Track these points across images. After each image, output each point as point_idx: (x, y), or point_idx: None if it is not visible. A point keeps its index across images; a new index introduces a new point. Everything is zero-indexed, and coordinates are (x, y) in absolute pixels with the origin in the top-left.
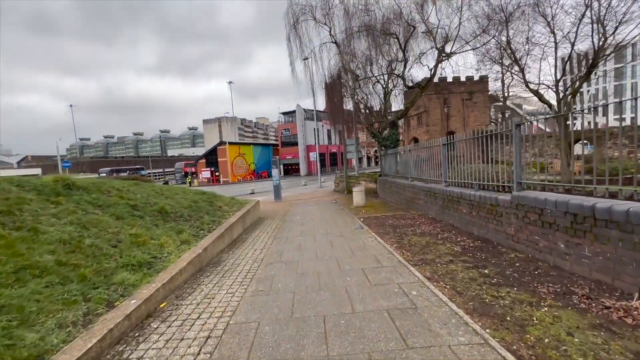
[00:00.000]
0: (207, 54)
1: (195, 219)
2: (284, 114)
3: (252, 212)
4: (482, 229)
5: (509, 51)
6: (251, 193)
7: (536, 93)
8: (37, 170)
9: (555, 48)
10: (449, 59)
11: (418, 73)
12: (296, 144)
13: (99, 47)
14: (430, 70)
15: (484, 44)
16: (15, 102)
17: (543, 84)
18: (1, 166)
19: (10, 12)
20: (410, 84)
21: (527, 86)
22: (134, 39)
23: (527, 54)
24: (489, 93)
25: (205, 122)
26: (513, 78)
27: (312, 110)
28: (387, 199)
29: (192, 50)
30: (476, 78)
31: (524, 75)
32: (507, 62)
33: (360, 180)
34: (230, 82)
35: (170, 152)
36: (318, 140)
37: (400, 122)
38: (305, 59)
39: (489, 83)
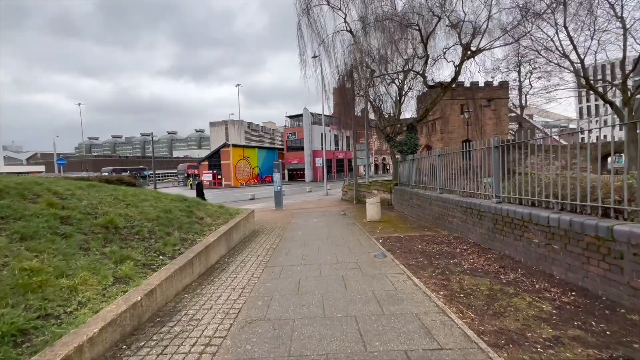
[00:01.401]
0: (220, 59)
1: (158, 237)
2: (291, 117)
3: (243, 226)
4: (574, 272)
5: (556, 43)
6: (251, 199)
7: (595, 90)
8: (41, 168)
9: (625, 34)
10: (475, 57)
11: (437, 74)
12: (302, 148)
13: (117, 50)
14: (456, 67)
15: (518, 39)
16: (33, 101)
17: (606, 81)
18: (11, 162)
19: (35, 14)
20: (431, 83)
21: (587, 82)
22: (151, 44)
23: (591, 40)
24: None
25: (212, 124)
26: (532, 86)
27: (320, 114)
28: (404, 213)
29: (206, 55)
30: (495, 84)
31: (583, 66)
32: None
33: (371, 189)
34: (237, 85)
35: (176, 154)
36: (325, 145)
37: None
38: (315, 56)
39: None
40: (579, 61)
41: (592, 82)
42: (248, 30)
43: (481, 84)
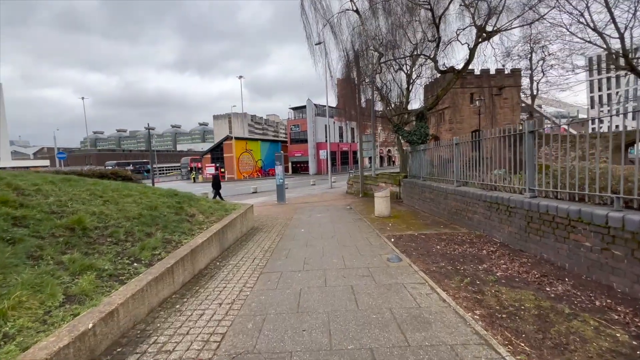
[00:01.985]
0: (225, 52)
1: (137, 239)
2: (294, 109)
3: (240, 223)
4: None
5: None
6: (253, 192)
7: (637, 71)
8: (46, 162)
9: None
10: (491, 39)
11: (447, 61)
12: (306, 141)
13: (123, 44)
14: (471, 48)
15: (543, 16)
16: (41, 96)
17: None
18: (18, 157)
19: (42, 9)
20: (443, 68)
21: (626, 60)
22: (156, 38)
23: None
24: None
25: (216, 117)
26: (544, 74)
27: (324, 106)
28: (415, 207)
29: (210, 48)
30: (507, 71)
31: (623, 43)
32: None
33: (378, 182)
34: (240, 77)
35: (179, 147)
36: (329, 136)
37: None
38: (319, 43)
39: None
40: (613, 36)
41: (633, 61)
42: (252, 22)
43: (492, 72)
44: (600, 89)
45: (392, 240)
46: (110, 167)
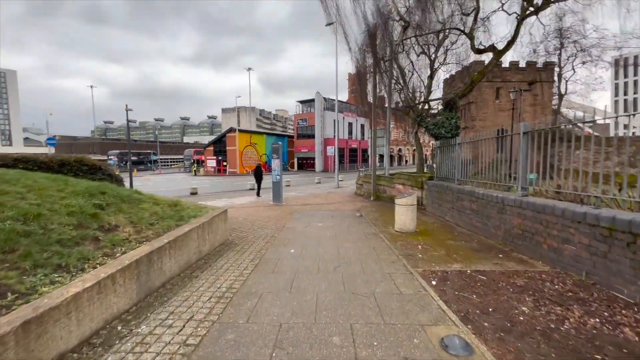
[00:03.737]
0: (241, 47)
1: None
2: (302, 102)
3: (198, 239)
4: None
5: None
6: (250, 189)
7: None
8: (52, 150)
9: None
10: (539, 13)
11: (486, 38)
12: (313, 136)
13: (143, 38)
14: (518, 18)
15: None
16: (61, 85)
17: None
18: (30, 144)
19: (68, 3)
20: (481, 47)
21: None
22: (175, 32)
23: None
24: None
25: (224, 111)
26: (574, 71)
27: (333, 99)
28: (447, 219)
29: (227, 43)
30: (539, 65)
31: None
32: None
33: (394, 183)
34: (249, 69)
35: (187, 139)
36: (338, 132)
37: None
38: (330, 23)
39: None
40: None
41: None
42: (270, 18)
43: (522, 65)
44: (626, 93)
45: (434, 283)
46: (112, 157)
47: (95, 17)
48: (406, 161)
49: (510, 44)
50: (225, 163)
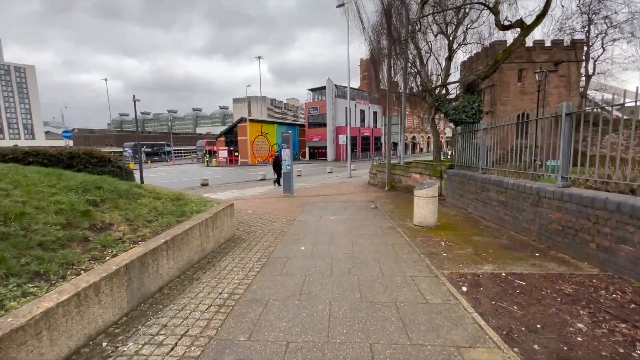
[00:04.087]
0: (252, 37)
1: None
2: (313, 90)
3: (200, 237)
4: None
5: None
6: (262, 179)
7: None
8: (70, 142)
9: None
10: None
11: (512, 13)
12: (324, 124)
13: (156, 31)
14: None
15: None
16: (79, 80)
17: None
18: (51, 137)
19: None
20: (507, 22)
21: None
22: (187, 24)
23: None
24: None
25: (235, 101)
26: (604, 49)
27: (345, 87)
28: (469, 210)
29: (238, 33)
30: (567, 42)
31: None
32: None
33: (410, 172)
34: (259, 58)
35: (199, 130)
36: (350, 119)
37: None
38: (341, 4)
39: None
40: None
41: None
42: (281, 7)
43: (547, 44)
44: None
45: (465, 289)
46: (128, 149)
47: (110, 12)
48: (421, 149)
49: (540, 17)
50: (237, 153)
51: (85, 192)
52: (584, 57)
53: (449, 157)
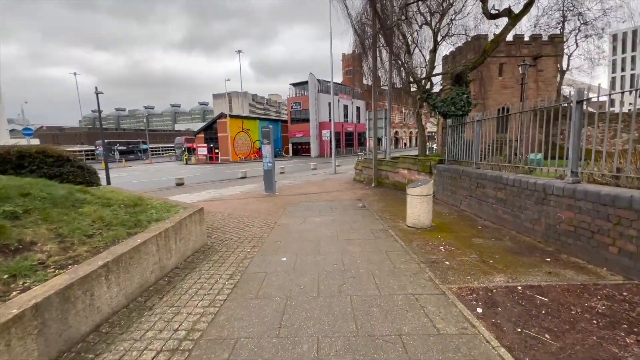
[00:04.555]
0: (233, 31)
1: None
2: (295, 85)
3: (162, 250)
4: None
5: None
6: (242, 177)
7: None
8: (36, 141)
9: None
10: None
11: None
12: (307, 120)
13: (131, 23)
14: None
15: None
16: (47, 74)
17: None
18: (16, 135)
19: None
20: (494, 11)
21: None
22: (165, 16)
23: None
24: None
25: (216, 96)
26: (577, 45)
27: (328, 81)
28: (462, 208)
29: (218, 27)
30: (545, 37)
31: None
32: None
33: (398, 168)
34: (239, 52)
35: (178, 127)
36: (333, 114)
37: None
38: None
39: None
40: None
41: None
42: (262, 1)
43: (526, 39)
44: (623, 69)
45: (480, 310)
46: (99, 146)
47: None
48: (405, 144)
49: (527, 6)
50: (217, 150)
51: (3, 202)
52: (562, 52)
53: (434, 151)
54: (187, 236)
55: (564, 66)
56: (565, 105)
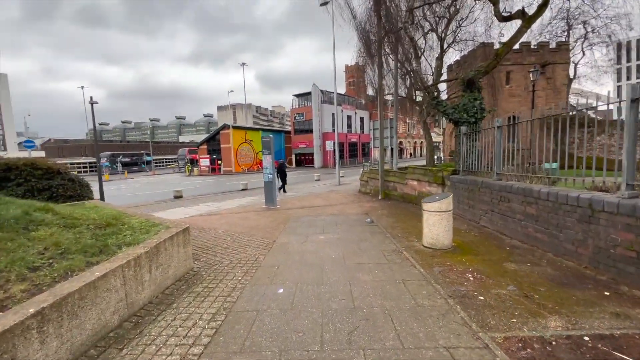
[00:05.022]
0: (239, 45)
1: None
2: (298, 96)
3: (130, 283)
4: None
5: None
6: (243, 189)
7: None
8: (42, 153)
9: None
10: None
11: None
12: (310, 130)
13: (141, 38)
14: None
15: None
16: (58, 88)
17: None
18: (24, 148)
19: (65, 5)
20: (506, 13)
21: None
22: (173, 32)
23: None
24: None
25: (220, 108)
26: (584, 54)
27: (331, 92)
28: (480, 224)
29: (225, 41)
30: (552, 45)
31: None
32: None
33: (407, 179)
34: (243, 64)
35: (182, 139)
36: (337, 125)
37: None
38: (324, 3)
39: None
40: None
41: None
42: (268, 15)
43: (534, 46)
44: (629, 77)
45: None
46: (104, 159)
47: (93, 19)
48: (411, 154)
49: (542, 7)
50: (219, 162)
51: None
52: (569, 60)
53: (442, 161)
54: (167, 262)
55: (571, 74)
56: (619, 102)
